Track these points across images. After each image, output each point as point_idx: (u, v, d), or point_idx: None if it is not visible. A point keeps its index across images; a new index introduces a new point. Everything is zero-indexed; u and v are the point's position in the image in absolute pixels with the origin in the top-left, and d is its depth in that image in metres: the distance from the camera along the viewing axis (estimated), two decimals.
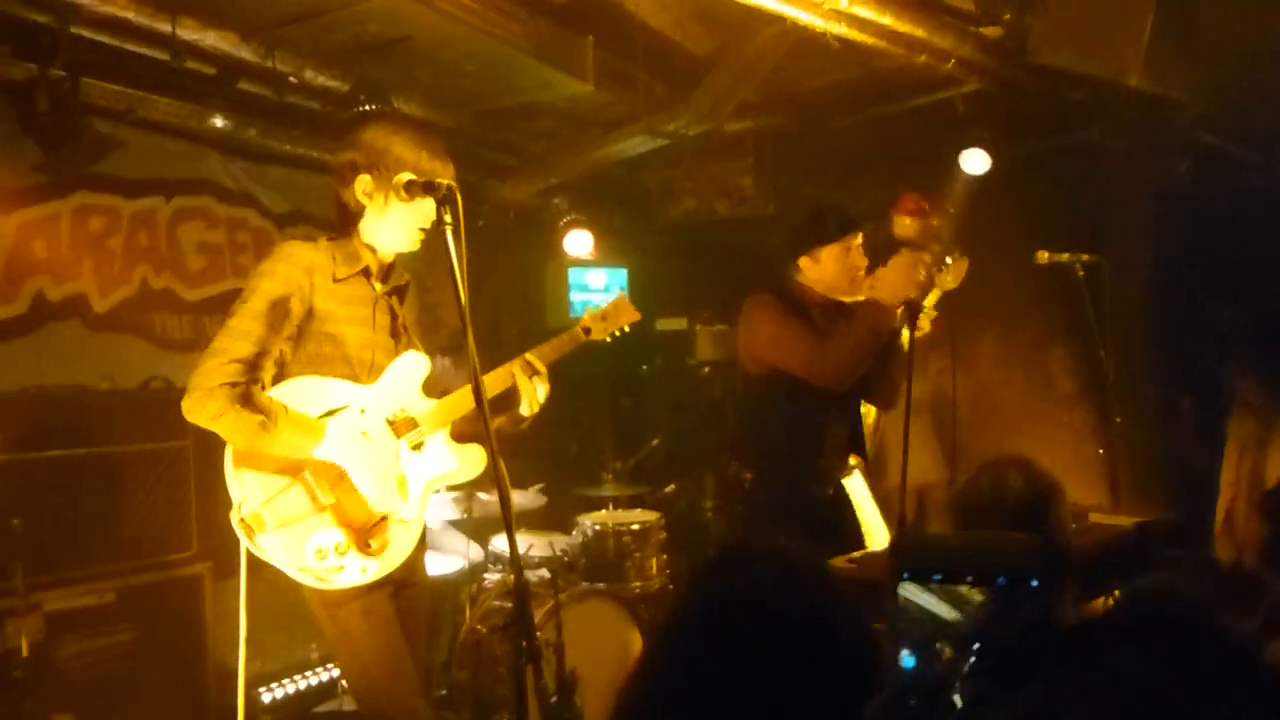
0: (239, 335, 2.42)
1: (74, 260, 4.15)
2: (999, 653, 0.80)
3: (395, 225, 2.61)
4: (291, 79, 4.17)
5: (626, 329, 3.05)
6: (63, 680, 3.24)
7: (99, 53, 3.76)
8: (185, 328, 4.61)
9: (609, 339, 3.03)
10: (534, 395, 2.77)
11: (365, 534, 2.49)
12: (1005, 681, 0.79)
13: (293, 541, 2.42)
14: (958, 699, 0.82)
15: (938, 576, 0.81)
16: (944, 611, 0.81)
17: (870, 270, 3.29)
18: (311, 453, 2.45)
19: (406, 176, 2.48)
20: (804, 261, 3.37)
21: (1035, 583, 0.82)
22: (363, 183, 2.56)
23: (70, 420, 3.47)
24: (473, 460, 2.74)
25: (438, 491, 2.74)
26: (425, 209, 2.56)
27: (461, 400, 2.67)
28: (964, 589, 0.82)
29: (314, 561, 2.42)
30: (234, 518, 2.41)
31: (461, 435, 2.75)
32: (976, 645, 0.83)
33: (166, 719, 3.42)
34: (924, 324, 3.93)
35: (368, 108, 4.24)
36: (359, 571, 2.47)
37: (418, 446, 2.63)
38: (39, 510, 3.27)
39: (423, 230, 2.62)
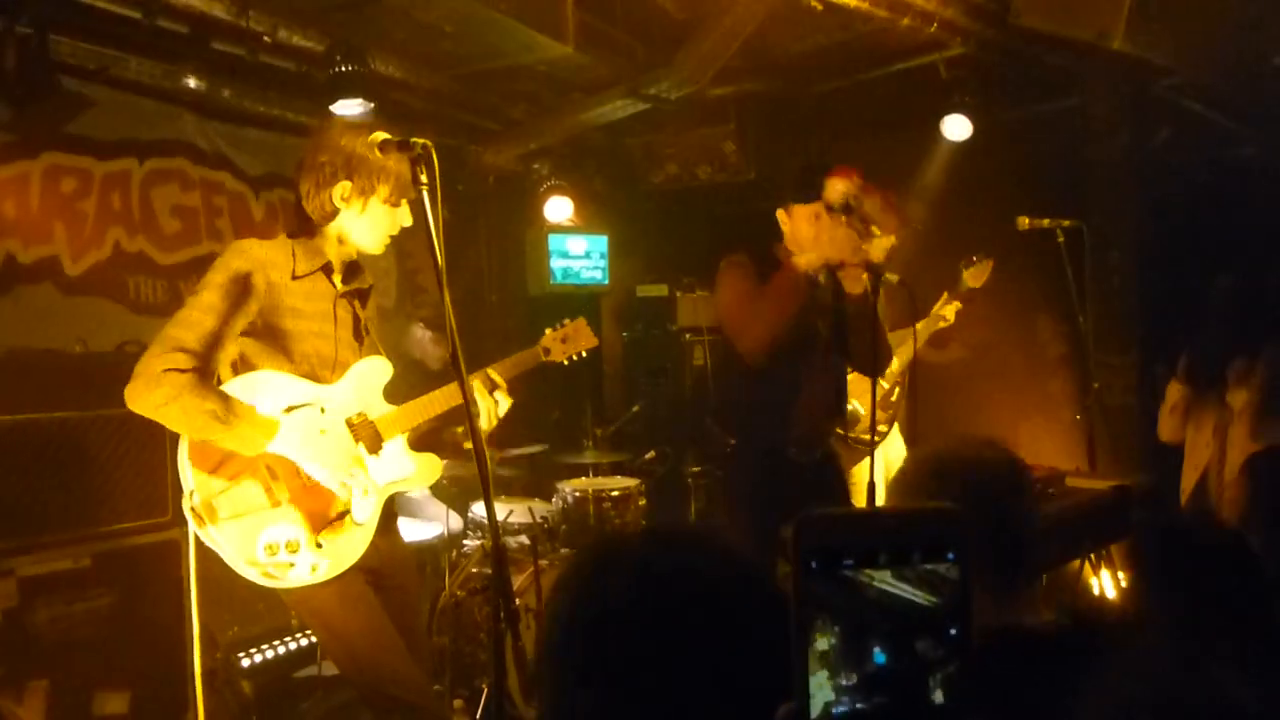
0: (187, 325, 2.36)
1: (45, 222, 4.09)
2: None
3: (368, 228, 2.58)
4: (266, 38, 4.09)
5: (584, 354, 3.09)
6: (38, 646, 3.21)
7: (68, 9, 3.68)
8: (160, 291, 4.56)
9: (566, 362, 3.07)
10: (494, 410, 2.75)
11: (319, 531, 2.46)
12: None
13: (244, 534, 2.38)
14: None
15: (849, 562, 0.73)
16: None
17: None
18: (263, 449, 2.40)
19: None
20: (780, 214, 3.35)
21: (951, 555, 0.75)
22: (342, 188, 2.52)
23: (43, 384, 3.41)
24: (429, 468, 2.73)
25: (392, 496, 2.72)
26: (400, 216, 2.59)
27: (422, 408, 2.66)
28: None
29: (264, 556, 2.38)
30: (185, 505, 2.37)
31: (419, 443, 2.74)
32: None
33: (145, 683, 3.40)
34: (949, 315, 4.45)
35: (344, 69, 4.17)
36: (309, 570, 2.44)
37: (375, 451, 2.60)
38: (11, 475, 3.23)
39: (390, 236, 2.63)
